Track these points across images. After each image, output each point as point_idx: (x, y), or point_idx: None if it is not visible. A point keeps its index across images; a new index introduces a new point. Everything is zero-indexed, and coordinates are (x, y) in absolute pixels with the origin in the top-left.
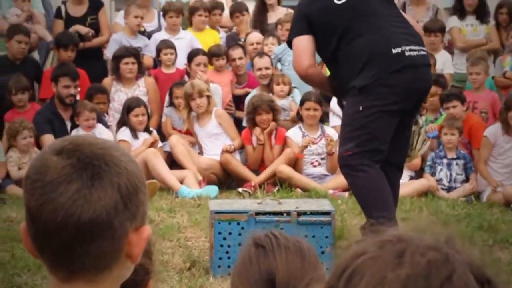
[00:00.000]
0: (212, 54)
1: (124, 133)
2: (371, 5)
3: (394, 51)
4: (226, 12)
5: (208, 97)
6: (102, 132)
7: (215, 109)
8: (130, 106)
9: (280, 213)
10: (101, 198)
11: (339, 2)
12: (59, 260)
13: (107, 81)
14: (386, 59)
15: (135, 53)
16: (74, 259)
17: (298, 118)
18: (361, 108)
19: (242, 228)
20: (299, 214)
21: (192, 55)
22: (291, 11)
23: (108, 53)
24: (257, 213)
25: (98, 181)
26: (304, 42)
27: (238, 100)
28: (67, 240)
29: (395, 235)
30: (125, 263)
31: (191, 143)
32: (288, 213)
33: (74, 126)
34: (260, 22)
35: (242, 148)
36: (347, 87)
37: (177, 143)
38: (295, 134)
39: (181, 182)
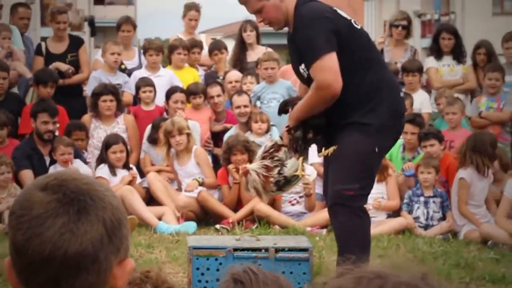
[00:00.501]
0: (190, 92)
1: (103, 170)
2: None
3: (401, 94)
4: (205, 50)
5: (188, 134)
6: (80, 168)
7: (194, 147)
8: (108, 142)
9: (258, 249)
10: (87, 231)
11: (358, 27)
12: None
13: (86, 118)
14: (400, 101)
15: (114, 91)
16: None
17: None
18: (377, 149)
19: (220, 263)
20: (277, 250)
21: (169, 92)
22: (270, 49)
23: (88, 90)
24: (235, 249)
25: (84, 215)
26: (336, 59)
27: (216, 137)
28: (54, 274)
29: (372, 272)
30: None
31: (170, 179)
32: (266, 250)
33: (53, 161)
34: (239, 61)
35: (216, 187)
36: (352, 117)
37: (155, 180)
38: None
39: (160, 218)
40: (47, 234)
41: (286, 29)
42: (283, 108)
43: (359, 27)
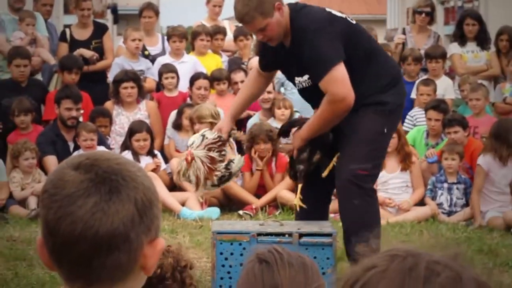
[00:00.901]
0: (214, 78)
1: (126, 157)
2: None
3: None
4: (229, 36)
5: (211, 124)
6: None
7: None
8: (132, 130)
9: (281, 234)
10: (118, 211)
11: (354, 22)
12: (77, 272)
13: (108, 104)
14: (403, 87)
15: (134, 77)
16: (91, 271)
17: None
18: (385, 130)
19: (244, 248)
20: (301, 235)
21: (193, 79)
22: None
23: (110, 77)
24: (259, 234)
25: (116, 195)
26: (345, 70)
27: (240, 123)
28: (85, 253)
29: (405, 250)
30: (139, 275)
31: None
32: (290, 234)
33: (77, 147)
34: (262, 47)
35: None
36: (367, 100)
37: (178, 167)
38: None
39: (183, 204)
40: (79, 213)
41: None
42: (287, 129)
43: (354, 22)
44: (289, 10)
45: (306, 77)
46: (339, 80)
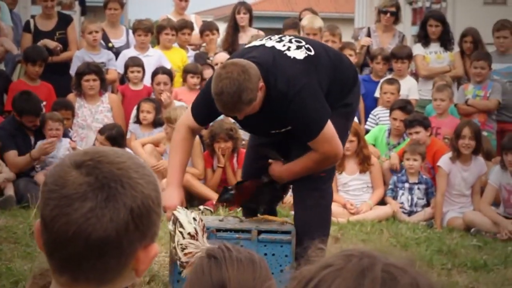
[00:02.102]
0: (188, 71)
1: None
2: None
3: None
4: (196, 31)
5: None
6: (65, 145)
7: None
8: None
9: (241, 231)
10: (113, 219)
11: (313, 52)
12: (65, 268)
13: (71, 97)
14: (359, 80)
15: (97, 70)
16: (80, 271)
17: None
18: (348, 132)
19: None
20: (260, 232)
21: (153, 74)
22: (262, 33)
23: (71, 70)
24: (218, 230)
25: (112, 203)
26: (332, 126)
27: None
28: (76, 254)
29: (361, 251)
30: (129, 275)
31: (160, 153)
32: (249, 231)
33: (38, 140)
34: (231, 43)
35: (202, 178)
36: (334, 105)
37: (138, 149)
38: None
39: None
40: (74, 216)
41: (273, 12)
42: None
43: (313, 52)
44: (262, 71)
45: (284, 129)
46: (330, 139)
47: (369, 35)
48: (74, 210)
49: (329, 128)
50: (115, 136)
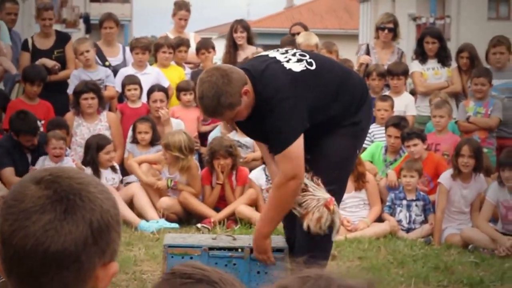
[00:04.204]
0: (180, 89)
1: (87, 173)
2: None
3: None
4: (193, 48)
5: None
6: (67, 164)
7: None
8: (99, 144)
9: (233, 249)
10: (71, 231)
11: (314, 67)
12: (24, 284)
13: (69, 115)
14: (370, 97)
15: (95, 88)
16: (38, 286)
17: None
18: (357, 151)
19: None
20: (252, 250)
21: (149, 92)
22: (261, 50)
23: (69, 89)
24: (211, 248)
25: (70, 215)
26: (301, 146)
27: (203, 137)
28: (34, 268)
29: (318, 273)
30: None
31: (158, 171)
32: (242, 249)
33: (35, 158)
34: (230, 61)
35: (198, 196)
36: (341, 123)
37: (138, 190)
38: (258, 177)
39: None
40: (32, 229)
41: (277, 29)
42: None
43: (314, 67)
44: (251, 78)
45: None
46: (293, 158)
47: (368, 52)
48: (33, 223)
49: (296, 147)
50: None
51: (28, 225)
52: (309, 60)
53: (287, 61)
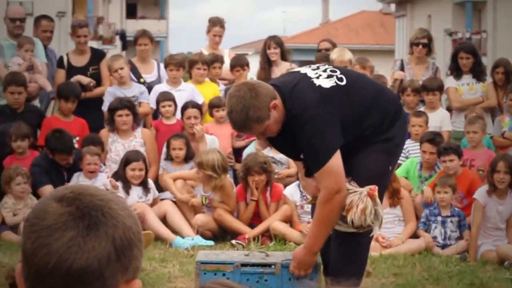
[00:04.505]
0: (213, 106)
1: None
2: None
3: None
4: (227, 65)
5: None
6: (101, 181)
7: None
8: (128, 159)
9: (266, 265)
10: (94, 248)
11: (344, 82)
12: None
13: (103, 132)
14: (404, 113)
15: (129, 105)
16: None
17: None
18: (390, 168)
19: (228, 279)
20: (284, 266)
21: (182, 108)
22: (294, 66)
23: (103, 106)
24: (243, 265)
25: (93, 231)
26: (339, 160)
27: (238, 153)
28: (57, 285)
29: None
30: None
31: (192, 186)
32: (274, 265)
33: (71, 175)
34: (264, 78)
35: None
36: (374, 139)
37: (170, 208)
38: (293, 194)
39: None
40: (55, 246)
41: (312, 45)
42: None
43: (344, 82)
44: (280, 94)
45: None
46: (334, 173)
47: (402, 67)
48: (55, 240)
49: (335, 161)
50: None
51: (50, 242)
52: (339, 76)
53: (317, 77)
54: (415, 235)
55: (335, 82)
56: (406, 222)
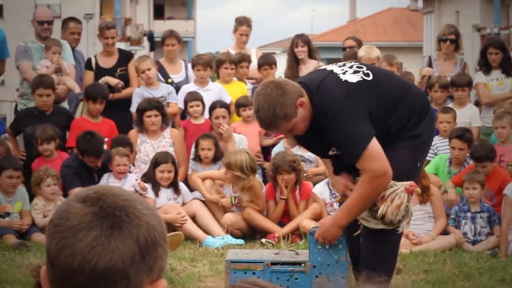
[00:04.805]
0: (239, 105)
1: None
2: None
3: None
4: (254, 64)
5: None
6: (130, 182)
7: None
8: (157, 161)
9: (295, 263)
10: (118, 247)
11: (370, 78)
12: None
13: (132, 133)
14: (432, 109)
15: (158, 106)
16: None
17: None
18: (418, 164)
19: (258, 277)
20: (311, 233)
21: (211, 108)
22: (322, 64)
23: (131, 107)
24: (273, 263)
25: (117, 231)
26: (378, 145)
27: (266, 151)
28: (82, 286)
29: None
30: None
31: (221, 186)
32: (304, 263)
33: (100, 176)
34: (291, 76)
35: (263, 212)
36: (402, 136)
37: (199, 208)
38: (322, 192)
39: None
40: (78, 246)
41: (340, 43)
42: None
43: (371, 77)
44: (307, 91)
45: (332, 151)
46: (376, 157)
47: (430, 63)
48: (79, 240)
49: (375, 146)
50: None
51: (74, 242)
52: (366, 72)
53: (343, 73)
54: (445, 232)
55: (362, 77)
56: (436, 219)
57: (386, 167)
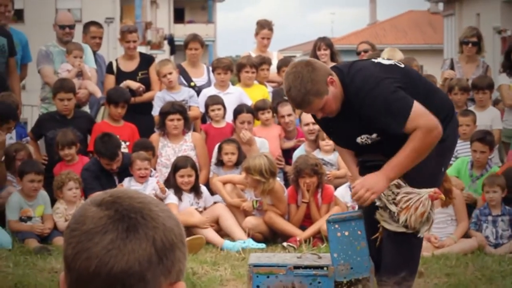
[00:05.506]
0: (258, 108)
1: (170, 196)
2: None
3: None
4: (274, 67)
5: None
6: (152, 185)
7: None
8: (176, 166)
9: (318, 267)
10: (135, 250)
11: (403, 65)
12: None
13: (154, 136)
14: (456, 115)
15: (181, 109)
16: None
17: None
18: (443, 169)
19: (281, 281)
20: (329, 221)
21: (236, 112)
22: None
23: (153, 111)
24: (296, 267)
25: (133, 233)
26: (421, 106)
27: (287, 154)
28: None
29: None
30: None
31: (242, 190)
32: (327, 267)
33: (121, 180)
34: None
35: (284, 216)
36: None
37: (223, 211)
38: (344, 195)
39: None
40: (95, 250)
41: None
42: None
43: (403, 65)
44: (337, 72)
45: (374, 135)
46: (424, 113)
47: (452, 66)
48: (95, 244)
49: (419, 105)
50: None
51: (90, 246)
52: (397, 62)
53: (375, 59)
54: (467, 235)
55: (395, 63)
56: (458, 222)
57: (435, 121)
